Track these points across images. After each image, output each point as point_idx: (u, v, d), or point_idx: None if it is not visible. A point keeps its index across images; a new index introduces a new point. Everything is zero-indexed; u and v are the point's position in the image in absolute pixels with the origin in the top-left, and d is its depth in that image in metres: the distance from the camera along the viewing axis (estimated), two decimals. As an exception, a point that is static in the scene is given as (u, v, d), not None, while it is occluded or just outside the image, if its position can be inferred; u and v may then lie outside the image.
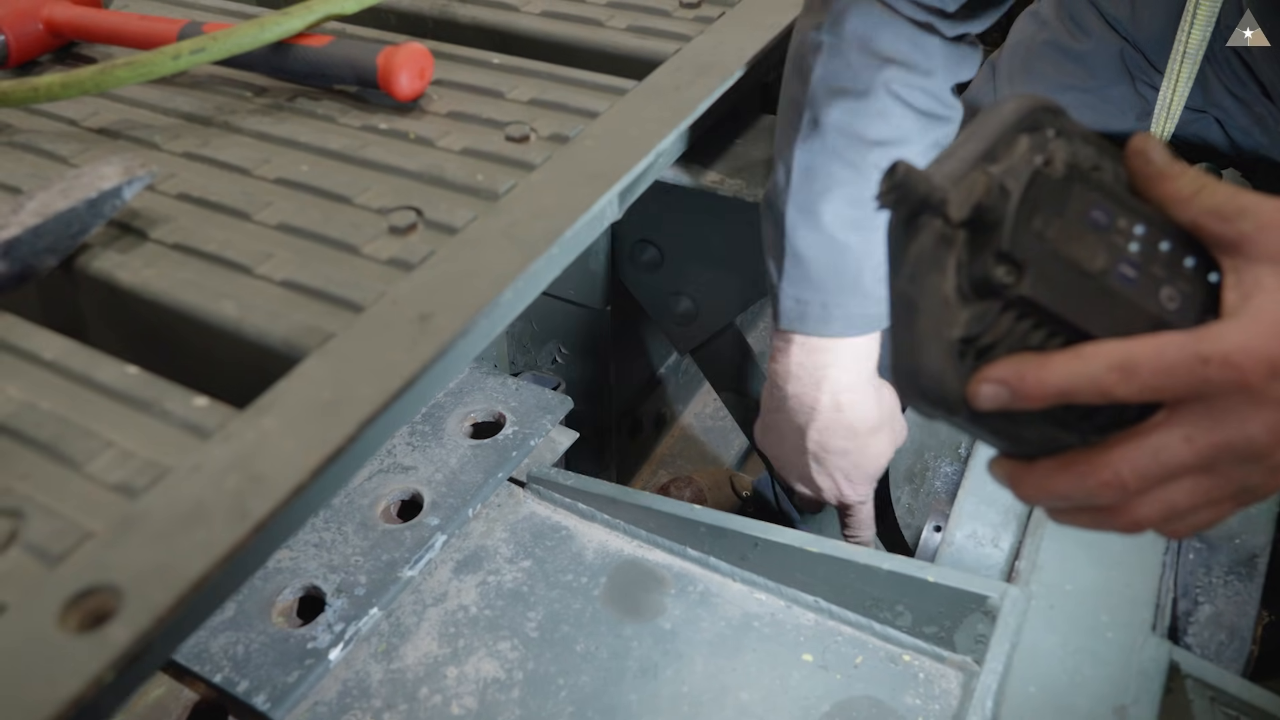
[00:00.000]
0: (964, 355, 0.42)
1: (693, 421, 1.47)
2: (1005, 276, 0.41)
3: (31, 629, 0.41)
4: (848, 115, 0.72)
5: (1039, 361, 0.41)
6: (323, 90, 0.77)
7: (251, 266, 0.60)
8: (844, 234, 0.73)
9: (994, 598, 0.69)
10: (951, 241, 0.41)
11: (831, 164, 0.72)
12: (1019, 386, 0.41)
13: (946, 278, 0.41)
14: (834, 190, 0.72)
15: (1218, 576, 0.76)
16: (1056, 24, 1.02)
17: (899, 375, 0.44)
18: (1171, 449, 0.42)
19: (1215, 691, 0.65)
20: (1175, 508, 0.44)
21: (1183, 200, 0.43)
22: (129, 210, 0.64)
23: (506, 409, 0.91)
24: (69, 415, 0.51)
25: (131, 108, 0.76)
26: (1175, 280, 0.43)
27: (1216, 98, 0.96)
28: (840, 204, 0.72)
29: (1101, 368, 0.41)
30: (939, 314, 0.41)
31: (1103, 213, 0.43)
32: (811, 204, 0.73)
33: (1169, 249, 0.44)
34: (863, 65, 0.71)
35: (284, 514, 0.46)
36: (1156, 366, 0.40)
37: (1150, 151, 0.44)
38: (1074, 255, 0.42)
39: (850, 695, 0.71)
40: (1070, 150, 0.43)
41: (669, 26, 0.86)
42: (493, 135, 0.71)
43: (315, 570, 0.78)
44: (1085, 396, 0.41)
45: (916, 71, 0.72)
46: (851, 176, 0.72)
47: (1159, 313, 0.43)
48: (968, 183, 0.41)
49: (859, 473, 0.81)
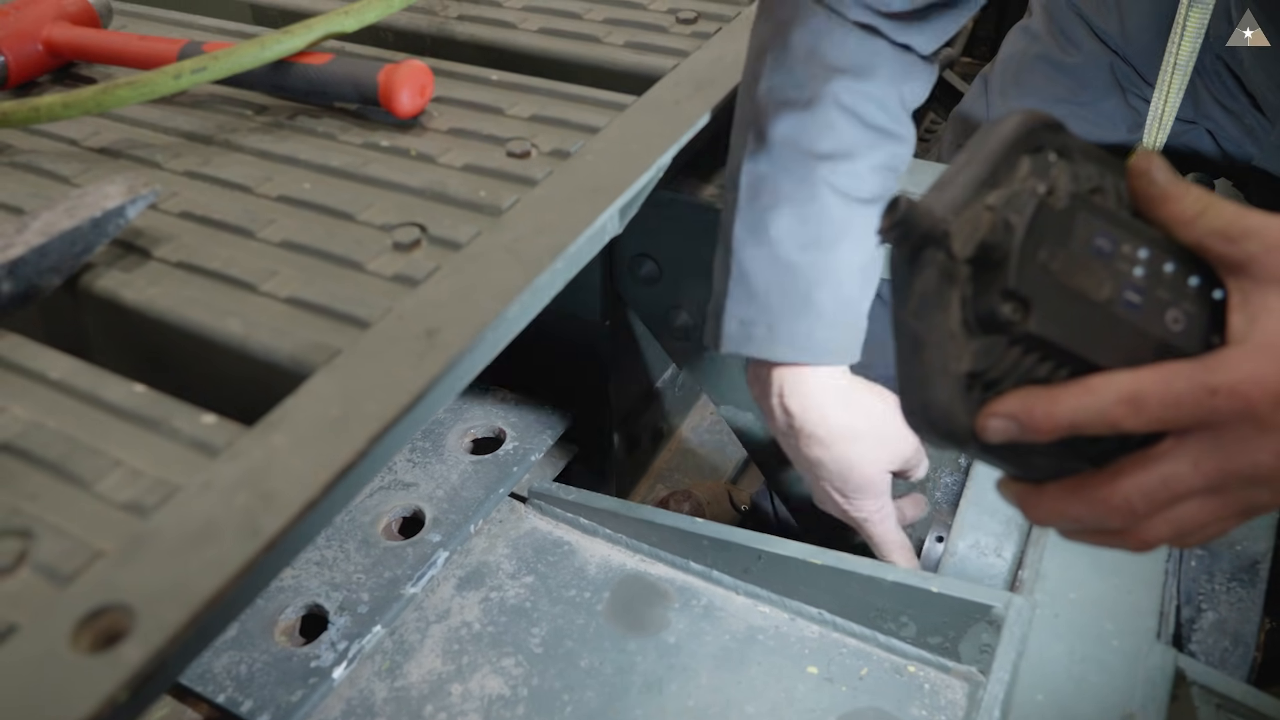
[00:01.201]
0: (971, 389, 0.42)
1: (690, 435, 1.47)
2: (1012, 314, 0.41)
3: (44, 650, 0.41)
4: (795, 128, 0.69)
5: (1048, 396, 0.41)
6: (323, 108, 0.77)
7: (256, 284, 0.60)
8: (792, 253, 0.70)
9: (998, 607, 0.69)
10: (956, 276, 0.41)
11: (779, 179, 0.70)
12: (1028, 421, 0.41)
13: (952, 312, 0.41)
14: (782, 206, 0.70)
15: (1220, 584, 0.77)
16: (1047, 38, 1.03)
17: (907, 408, 0.44)
18: (1180, 475, 0.42)
19: (1221, 698, 0.65)
20: (1183, 528, 0.45)
21: (1187, 222, 0.43)
22: (132, 229, 0.64)
23: (506, 424, 0.91)
24: (76, 434, 0.50)
25: (132, 127, 0.76)
26: (1180, 302, 0.43)
27: (1207, 109, 0.97)
28: (789, 220, 0.70)
29: (1110, 401, 0.41)
30: (945, 348, 0.41)
31: (1107, 239, 0.43)
32: (759, 221, 0.71)
33: (1173, 270, 0.44)
34: (809, 76, 0.69)
35: (295, 531, 0.46)
36: (1165, 399, 0.41)
37: (1153, 172, 0.44)
38: (1079, 286, 0.42)
39: (856, 707, 0.71)
40: (1072, 173, 0.43)
41: (666, 42, 0.87)
42: (494, 151, 0.71)
43: (317, 588, 0.77)
44: (1094, 429, 0.41)
45: (863, 78, 0.69)
46: (800, 192, 0.70)
47: (1164, 336, 0.43)
48: (971, 218, 0.41)
49: (847, 485, 0.77)
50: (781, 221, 0.70)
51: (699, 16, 0.90)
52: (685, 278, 0.93)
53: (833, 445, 0.75)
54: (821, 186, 0.69)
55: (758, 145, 0.71)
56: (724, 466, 1.47)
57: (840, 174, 0.69)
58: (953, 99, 2.03)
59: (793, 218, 0.70)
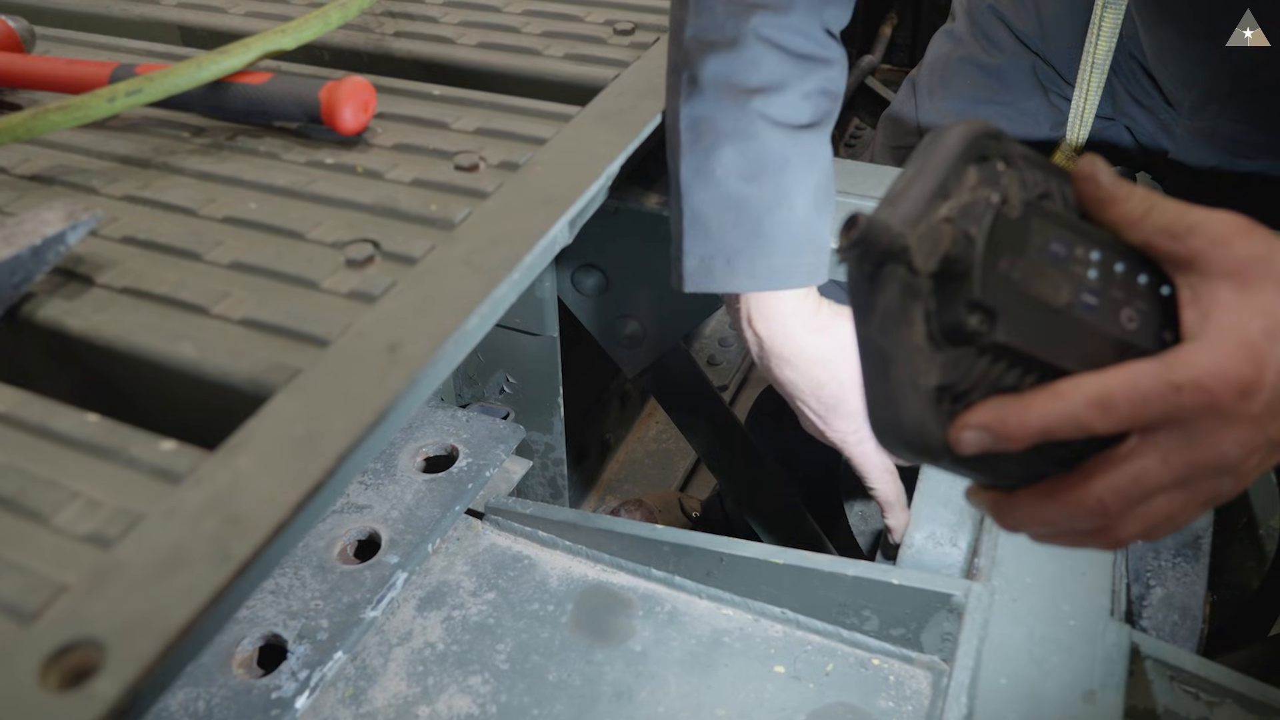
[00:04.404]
0: (941, 401, 0.42)
1: (636, 446, 1.48)
2: (979, 325, 0.41)
3: (11, 690, 0.40)
4: (723, 68, 0.71)
5: (1019, 405, 0.42)
6: (263, 128, 0.76)
7: (207, 306, 0.58)
8: (739, 187, 0.72)
9: (958, 596, 0.70)
10: (919, 291, 0.41)
11: (716, 118, 0.72)
12: (1001, 430, 0.42)
13: (916, 327, 0.41)
14: (722, 144, 0.72)
15: (1166, 560, 0.79)
16: (971, 41, 1.06)
17: (878, 425, 0.44)
18: (1150, 471, 0.43)
19: (1174, 670, 0.67)
20: (1153, 521, 0.46)
21: (1133, 222, 0.44)
22: (72, 256, 0.62)
23: (458, 441, 0.90)
24: (29, 468, 0.49)
25: (64, 153, 0.74)
26: (1133, 300, 0.44)
27: (1124, 106, 1.00)
28: (731, 156, 0.72)
29: (1080, 405, 0.42)
30: (913, 363, 0.42)
31: (1061, 244, 0.43)
32: (702, 162, 0.72)
33: (1124, 270, 0.45)
34: (728, 15, 0.71)
35: (266, 554, 0.45)
36: (1132, 399, 0.42)
37: (1099, 176, 0.45)
38: (1039, 293, 0.42)
39: (824, 703, 0.72)
40: (1021, 180, 0.43)
41: (605, 53, 0.87)
42: (442, 165, 0.71)
43: (274, 618, 0.76)
44: (1065, 433, 0.42)
45: (781, 12, 0.71)
46: (737, 127, 0.72)
47: (1122, 335, 0.44)
48: (929, 231, 0.41)
49: (821, 405, 0.79)
50: (724, 158, 0.72)
51: (636, 28, 0.91)
52: (633, 286, 0.93)
53: (800, 366, 0.78)
54: (757, 120, 0.71)
55: (691, 89, 0.73)
56: (671, 476, 1.48)
57: (774, 105, 0.72)
58: (875, 103, 2.08)
59: (734, 153, 0.72)
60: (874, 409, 0.44)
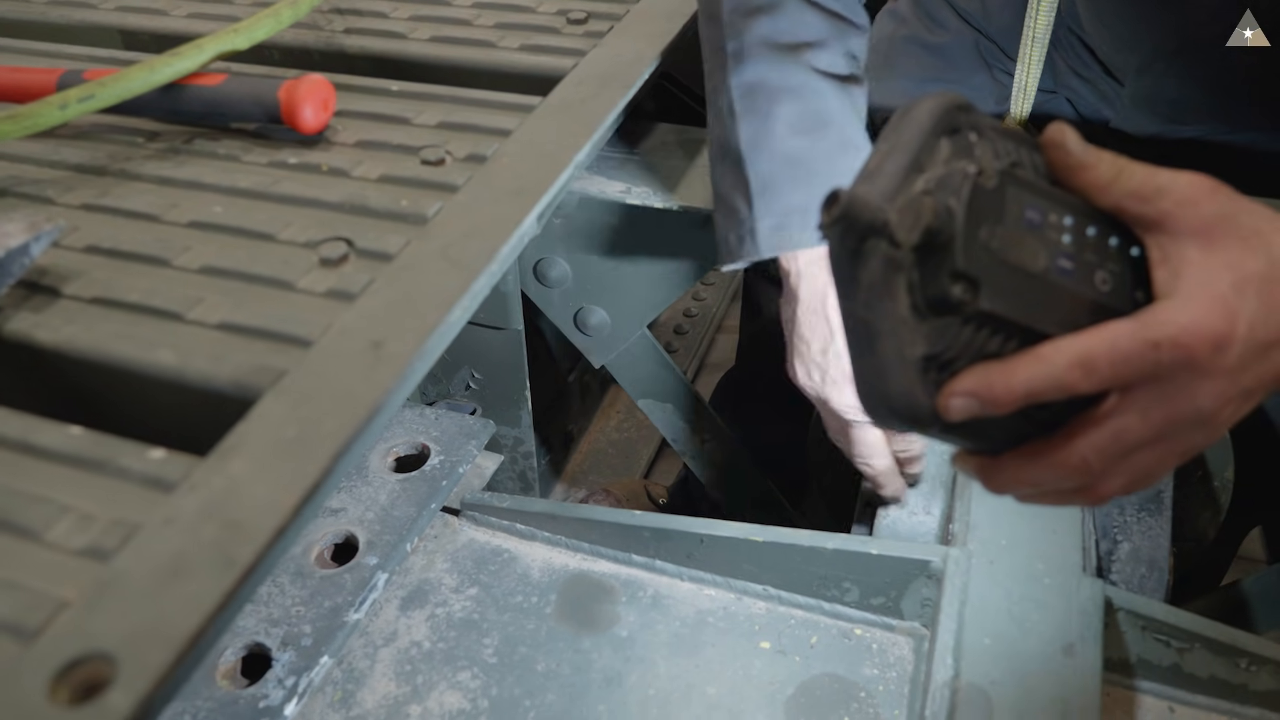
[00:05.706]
0: (928, 371, 0.43)
1: (599, 436, 1.48)
2: (963, 294, 0.42)
3: (22, 710, 0.39)
4: (768, 29, 0.74)
5: (1003, 369, 0.43)
6: (220, 130, 0.75)
7: (182, 312, 0.57)
8: (799, 143, 0.73)
9: (936, 561, 0.72)
10: (901, 264, 0.42)
11: (768, 77, 0.74)
12: (988, 395, 0.43)
13: (900, 300, 0.42)
14: (779, 102, 0.74)
15: (1131, 515, 0.82)
16: (914, 20, 1.08)
17: (867, 397, 0.45)
18: (1130, 428, 0.45)
19: (1145, 620, 0.70)
20: (1134, 476, 0.47)
21: (1103, 187, 0.46)
22: (35, 268, 0.60)
23: (429, 439, 0.90)
24: (14, 485, 0.48)
25: (13, 164, 0.72)
26: (1105, 263, 0.46)
27: (1065, 79, 1.03)
28: (789, 110, 0.74)
29: (1062, 367, 0.43)
30: (899, 335, 0.43)
31: (1035, 211, 0.44)
32: (760, 125, 0.74)
33: (1095, 233, 0.46)
34: None
35: (268, 557, 0.45)
36: (1112, 358, 0.43)
37: (1067, 143, 0.46)
38: (1018, 260, 0.43)
39: (811, 675, 0.73)
40: (993, 150, 0.45)
41: (560, 43, 0.87)
42: (408, 161, 0.71)
43: (255, 626, 0.75)
44: (1049, 395, 0.44)
45: None
46: (792, 83, 0.74)
47: (1097, 297, 0.45)
48: (908, 204, 0.42)
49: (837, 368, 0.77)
50: (783, 114, 0.74)
51: (589, 16, 0.91)
52: (597, 275, 0.93)
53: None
54: (810, 73, 0.74)
55: (737, 60, 0.75)
56: (635, 465, 1.49)
57: (822, 59, 0.75)
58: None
59: (792, 107, 0.74)
60: (862, 382, 0.45)
